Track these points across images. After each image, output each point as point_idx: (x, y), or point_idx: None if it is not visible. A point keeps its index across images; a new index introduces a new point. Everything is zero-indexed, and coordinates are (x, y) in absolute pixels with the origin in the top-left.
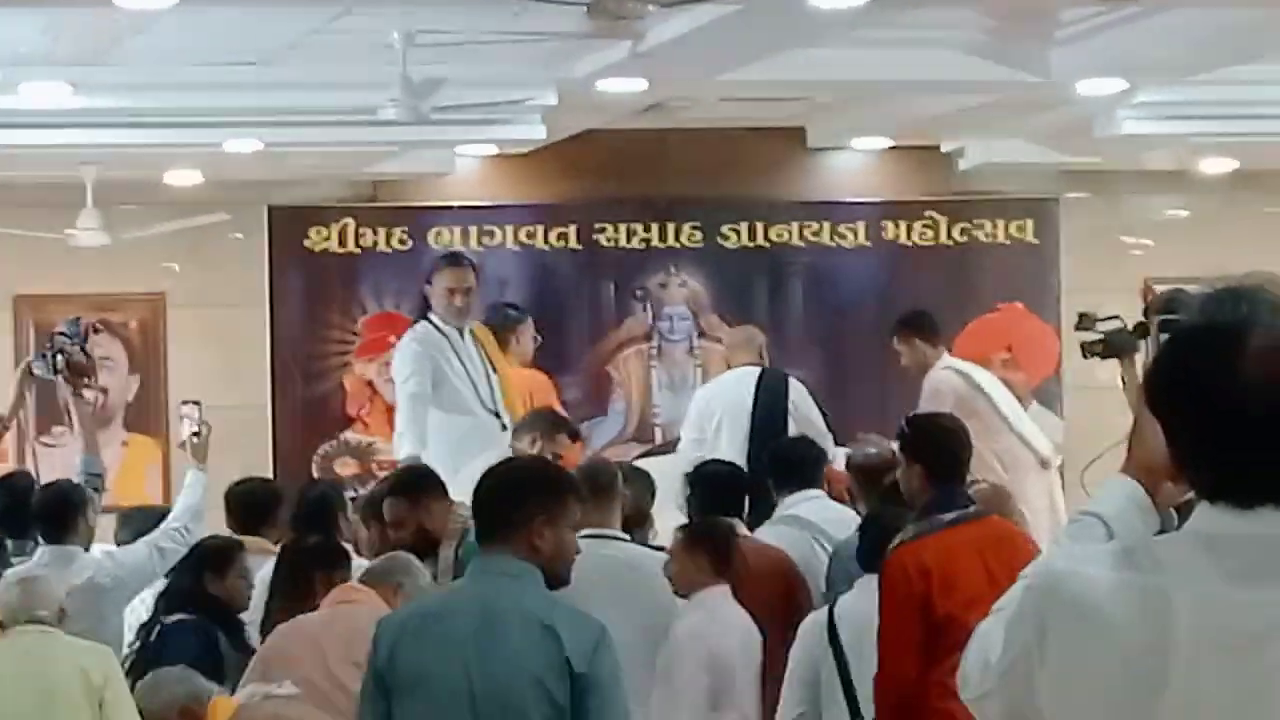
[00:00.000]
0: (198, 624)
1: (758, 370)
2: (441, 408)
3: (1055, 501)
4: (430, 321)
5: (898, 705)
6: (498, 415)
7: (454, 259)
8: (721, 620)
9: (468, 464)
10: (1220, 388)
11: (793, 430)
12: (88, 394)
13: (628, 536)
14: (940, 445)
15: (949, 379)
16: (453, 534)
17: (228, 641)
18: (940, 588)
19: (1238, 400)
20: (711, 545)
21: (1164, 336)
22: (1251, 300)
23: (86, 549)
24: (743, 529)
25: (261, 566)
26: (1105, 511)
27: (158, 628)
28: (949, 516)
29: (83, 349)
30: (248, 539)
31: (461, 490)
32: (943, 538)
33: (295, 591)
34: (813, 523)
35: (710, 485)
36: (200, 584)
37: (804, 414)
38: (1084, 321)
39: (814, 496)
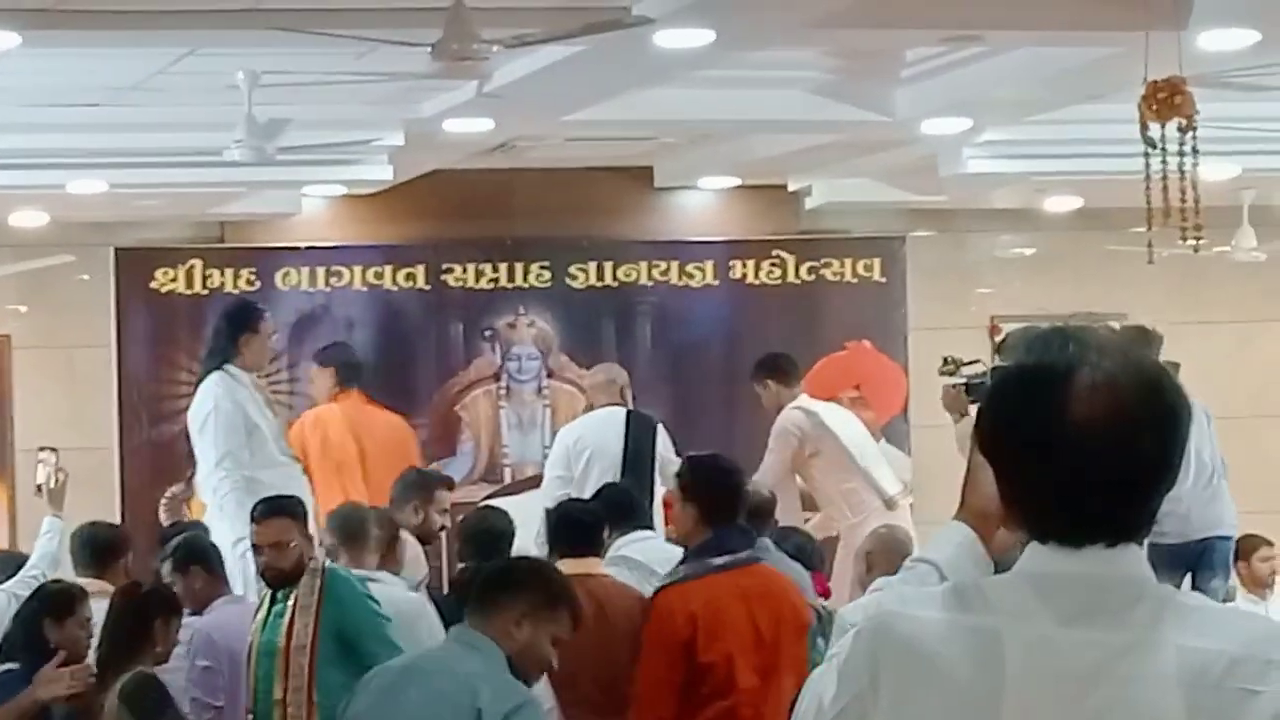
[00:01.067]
0: (26, 673)
1: (623, 411)
2: (254, 462)
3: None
4: (228, 372)
5: None
6: (296, 459)
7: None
8: None
9: None
10: (1047, 427)
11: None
12: None
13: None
14: (716, 485)
15: (795, 418)
16: (312, 572)
17: None
18: (705, 634)
19: (1064, 439)
20: None
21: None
22: (1078, 339)
23: None
24: (601, 568)
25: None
26: (938, 559)
27: None
28: (718, 561)
29: None
30: (92, 582)
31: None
32: (709, 582)
33: (131, 638)
34: (642, 563)
35: (567, 523)
36: (39, 631)
37: (666, 458)
38: (947, 365)
39: (644, 537)
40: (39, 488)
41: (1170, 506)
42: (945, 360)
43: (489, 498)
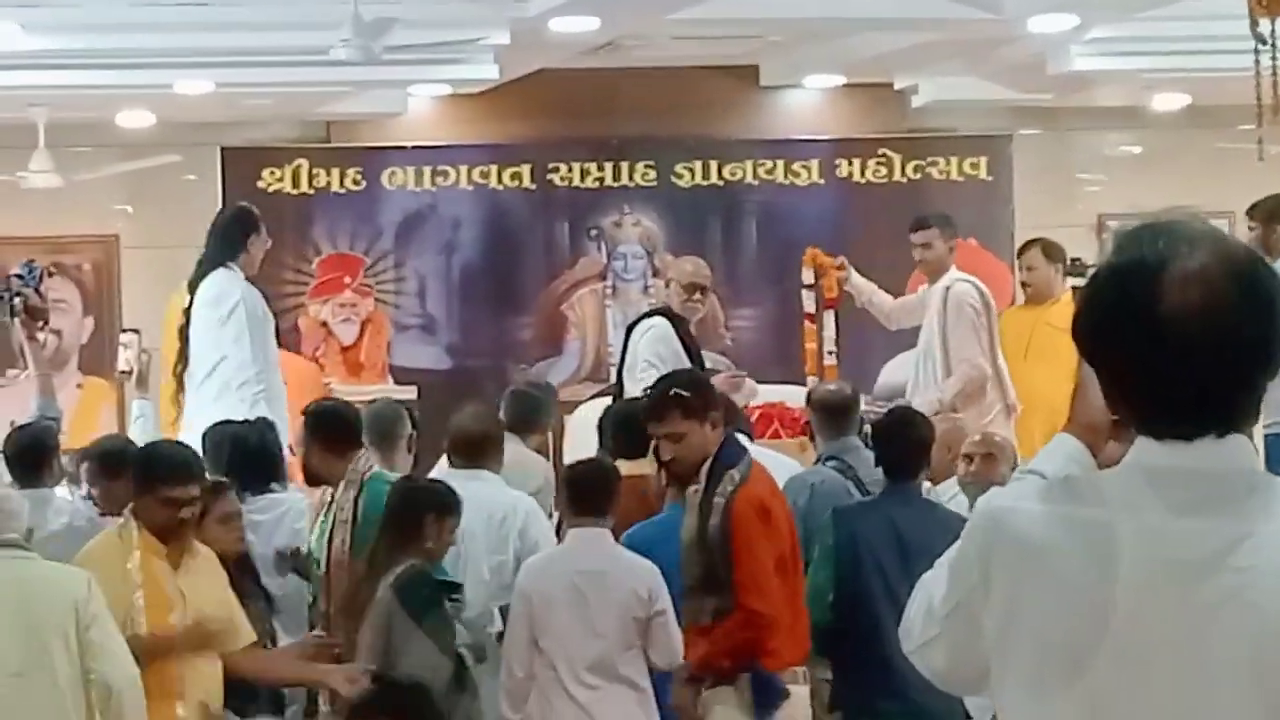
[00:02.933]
0: None
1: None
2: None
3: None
4: (234, 270)
5: None
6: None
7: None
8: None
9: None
10: (1143, 320)
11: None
12: (42, 337)
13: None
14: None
15: (969, 292)
16: (351, 484)
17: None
18: None
19: (1162, 331)
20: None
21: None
22: (1170, 233)
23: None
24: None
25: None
26: (1047, 469)
27: None
28: None
29: (38, 292)
30: None
31: None
32: None
33: (403, 531)
34: None
35: (622, 426)
36: None
37: (637, 359)
38: (1075, 266)
39: None
40: (123, 372)
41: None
42: (1072, 261)
43: (594, 396)
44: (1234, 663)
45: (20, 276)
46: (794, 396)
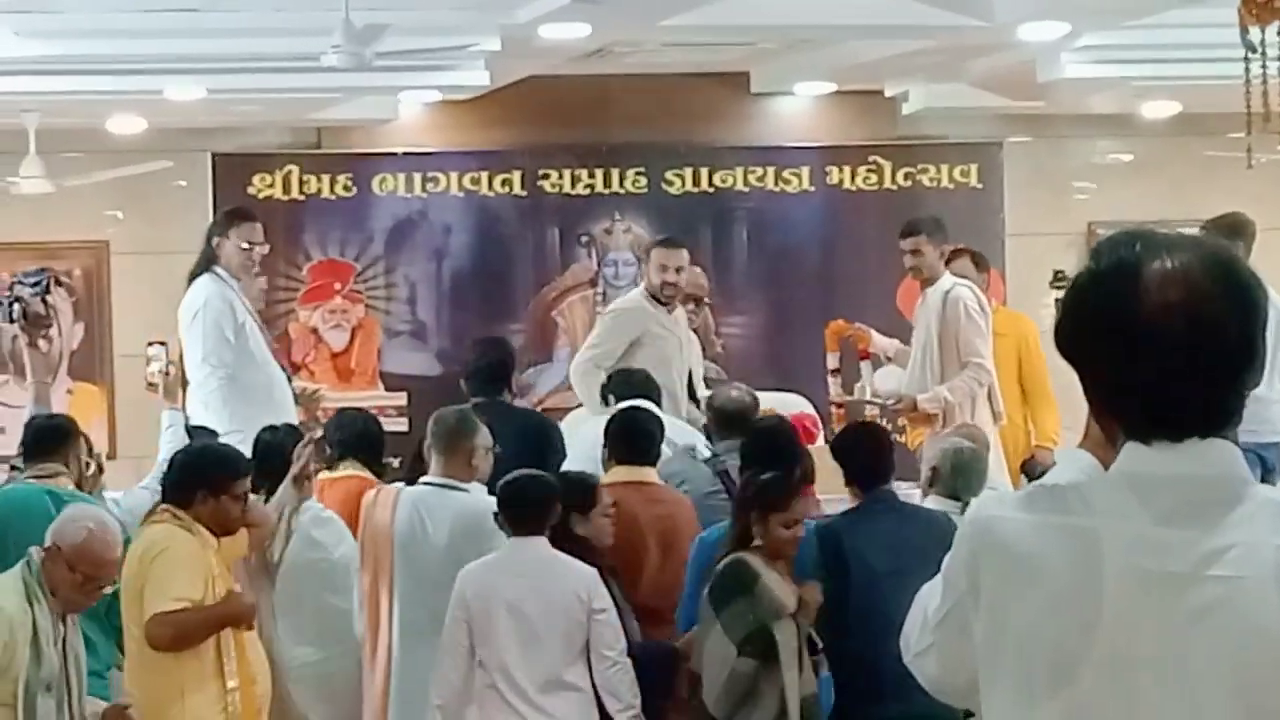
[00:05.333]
0: None
1: None
2: (236, 362)
3: (1001, 456)
4: (216, 274)
5: None
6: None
7: (250, 214)
8: None
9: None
10: (1124, 320)
11: None
12: (43, 345)
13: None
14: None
15: (967, 295)
16: None
17: None
18: None
19: (1142, 330)
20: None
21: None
22: (1145, 239)
23: None
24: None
25: None
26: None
27: None
28: None
29: (43, 300)
30: None
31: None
32: None
33: None
34: None
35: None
36: None
37: None
38: (1058, 280)
39: None
40: (150, 384)
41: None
42: (1056, 274)
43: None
44: (1217, 673)
45: (24, 283)
46: (785, 403)
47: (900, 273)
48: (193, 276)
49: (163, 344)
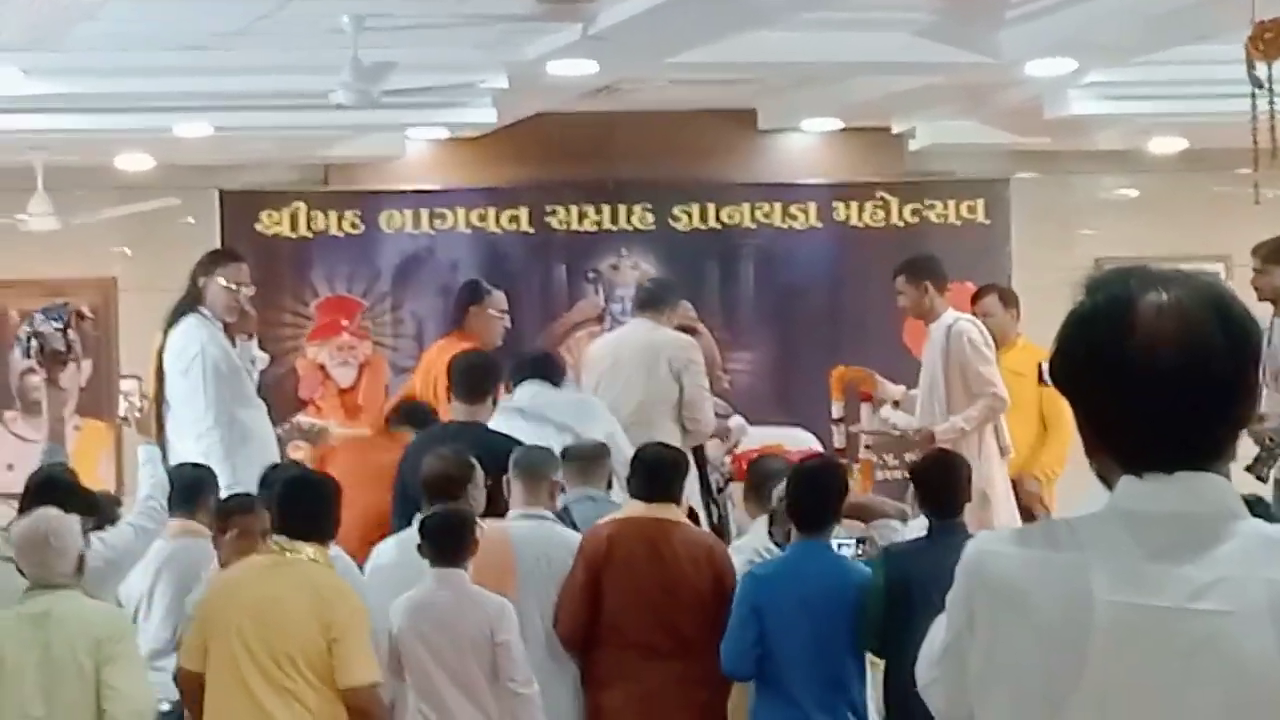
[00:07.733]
0: None
1: None
2: (234, 402)
3: (1009, 489)
4: (202, 315)
5: None
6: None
7: (236, 255)
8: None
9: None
10: (1117, 354)
11: None
12: (63, 381)
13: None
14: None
15: (972, 330)
16: None
17: None
18: None
19: (1135, 364)
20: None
21: None
22: (1139, 274)
23: None
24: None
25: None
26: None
27: None
28: None
29: (64, 335)
30: (184, 523)
31: None
32: None
33: None
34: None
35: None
36: None
37: None
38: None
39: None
40: (122, 419)
41: None
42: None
43: None
44: (1208, 708)
45: (45, 317)
46: (792, 439)
47: None
48: (175, 314)
49: (136, 379)
